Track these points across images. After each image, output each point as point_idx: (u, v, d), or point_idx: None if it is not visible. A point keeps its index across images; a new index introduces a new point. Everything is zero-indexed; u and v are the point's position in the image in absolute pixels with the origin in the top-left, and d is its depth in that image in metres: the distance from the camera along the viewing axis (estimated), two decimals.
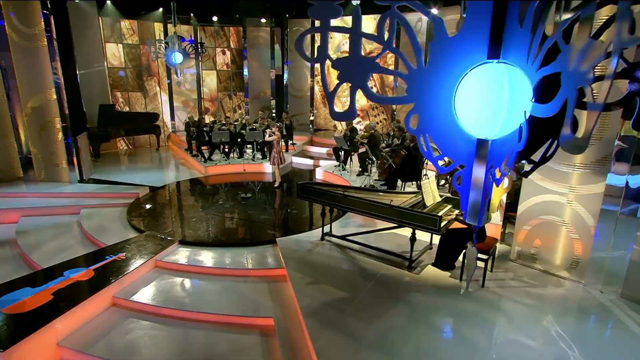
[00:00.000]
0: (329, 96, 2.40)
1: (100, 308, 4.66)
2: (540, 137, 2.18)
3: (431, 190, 5.34)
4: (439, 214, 4.80)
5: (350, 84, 2.35)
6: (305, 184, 6.13)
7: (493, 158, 2.23)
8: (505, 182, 2.66)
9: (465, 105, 2.26)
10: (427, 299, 4.58)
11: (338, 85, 2.41)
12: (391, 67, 12.99)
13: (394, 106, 13.24)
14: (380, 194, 5.97)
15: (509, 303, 4.52)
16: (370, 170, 8.80)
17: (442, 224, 4.80)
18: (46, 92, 8.40)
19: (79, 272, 5.03)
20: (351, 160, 10.05)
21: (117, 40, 12.67)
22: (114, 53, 12.74)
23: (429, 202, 5.24)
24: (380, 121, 13.84)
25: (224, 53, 14.65)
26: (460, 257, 5.10)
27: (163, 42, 11.25)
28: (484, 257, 4.80)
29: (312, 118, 15.04)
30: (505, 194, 5.10)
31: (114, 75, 12.85)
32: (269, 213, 7.87)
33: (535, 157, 2.41)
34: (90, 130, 11.08)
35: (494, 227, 5.83)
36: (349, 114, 2.41)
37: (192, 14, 13.48)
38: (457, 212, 5.37)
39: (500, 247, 5.68)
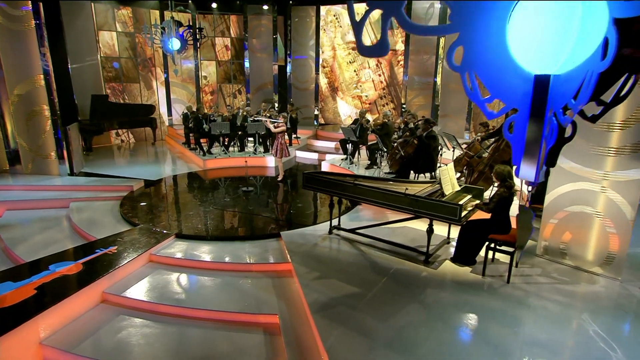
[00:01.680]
0: (356, 26, 1.99)
1: (89, 304, 4.29)
2: (614, 72, 1.74)
3: (450, 178, 4.93)
4: (460, 203, 4.41)
5: (382, 12, 1.92)
6: (313, 173, 5.72)
7: (554, 99, 1.80)
8: None
9: (522, 34, 1.82)
10: (446, 296, 4.21)
11: (368, 13, 2.00)
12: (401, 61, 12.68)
13: (402, 98, 12.81)
14: (392, 183, 5.56)
15: (538, 300, 4.13)
16: (380, 163, 8.36)
17: (463, 213, 4.41)
18: (34, 79, 7.90)
19: (66, 266, 4.64)
20: (359, 153, 9.59)
21: (111, 28, 12.16)
22: (108, 41, 12.23)
23: (448, 190, 4.83)
24: (390, 110, 13.42)
25: (223, 35, 14.14)
26: (482, 252, 4.68)
27: (159, 27, 10.72)
28: (510, 249, 4.42)
29: (316, 112, 14.58)
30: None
31: (109, 65, 12.35)
32: (273, 207, 7.48)
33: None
34: (82, 123, 10.61)
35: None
36: (380, 48, 1.99)
37: (190, 1, 12.98)
38: (477, 202, 4.97)
39: None
